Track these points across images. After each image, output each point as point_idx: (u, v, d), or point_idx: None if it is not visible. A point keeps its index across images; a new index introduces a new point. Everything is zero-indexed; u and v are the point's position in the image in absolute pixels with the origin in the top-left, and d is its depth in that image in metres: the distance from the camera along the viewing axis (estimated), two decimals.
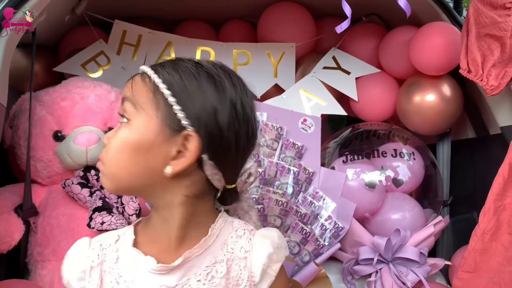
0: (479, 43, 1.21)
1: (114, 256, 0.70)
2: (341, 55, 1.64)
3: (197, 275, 0.68)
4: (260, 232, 0.73)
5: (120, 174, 0.66)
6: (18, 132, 1.27)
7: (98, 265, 0.69)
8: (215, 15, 1.74)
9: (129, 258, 0.69)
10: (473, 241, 1.22)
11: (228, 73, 0.69)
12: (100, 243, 0.71)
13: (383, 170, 1.43)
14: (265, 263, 0.70)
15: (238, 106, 0.66)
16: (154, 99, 0.64)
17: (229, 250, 0.70)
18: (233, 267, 0.70)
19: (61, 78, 1.50)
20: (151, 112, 0.64)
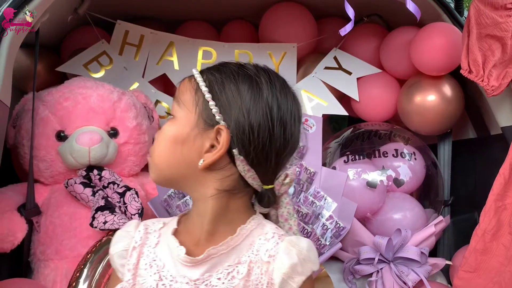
0: (480, 44, 1.22)
1: (154, 241, 0.73)
2: (343, 55, 1.64)
3: (218, 273, 0.68)
4: (289, 239, 0.70)
5: (160, 164, 0.71)
6: (21, 132, 1.28)
7: (139, 247, 0.72)
8: (217, 15, 1.75)
9: (166, 245, 0.72)
10: (474, 241, 1.22)
11: (269, 75, 0.71)
12: (146, 226, 0.75)
13: (384, 170, 1.44)
14: (287, 273, 0.67)
15: (274, 108, 0.68)
16: (195, 97, 0.69)
17: (254, 252, 0.69)
18: (254, 270, 0.69)
19: (64, 78, 1.51)
20: (191, 108, 0.69)
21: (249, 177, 0.69)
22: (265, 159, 0.68)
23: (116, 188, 1.23)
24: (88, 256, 1.12)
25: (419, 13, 1.23)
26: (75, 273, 1.11)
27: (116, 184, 1.24)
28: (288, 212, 0.76)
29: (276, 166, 0.71)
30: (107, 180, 1.24)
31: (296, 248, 0.68)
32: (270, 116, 0.67)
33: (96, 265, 1.11)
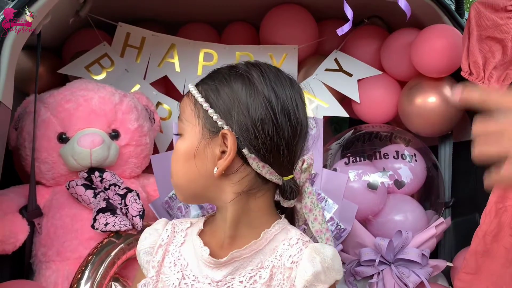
0: (480, 46, 1.22)
1: (181, 240, 0.74)
2: (343, 57, 1.65)
3: (240, 276, 0.68)
4: (314, 246, 0.69)
5: (182, 183, 0.73)
6: (23, 134, 1.28)
7: (165, 245, 0.74)
8: (218, 17, 1.75)
9: (192, 245, 0.73)
10: (475, 243, 1.22)
11: (260, 69, 0.71)
12: (174, 225, 0.76)
13: (385, 172, 1.44)
14: (309, 280, 0.66)
15: (272, 99, 0.68)
16: (195, 110, 0.70)
17: (277, 257, 0.69)
18: (277, 275, 0.68)
19: (65, 80, 1.52)
20: (194, 122, 0.70)
21: (266, 173, 0.68)
22: (277, 151, 0.68)
23: (118, 190, 1.23)
24: (90, 257, 1.12)
25: (410, 11, 1.23)
26: (77, 275, 1.12)
27: (118, 186, 1.24)
28: (311, 202, 0.75)
29: (290, 155, 0.70)
30: (108, 182, 1.24)
31: (320, 256, 0.67)
32: (270, 107, 0.67)
33: (97, 266, 1.11)
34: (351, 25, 1.67)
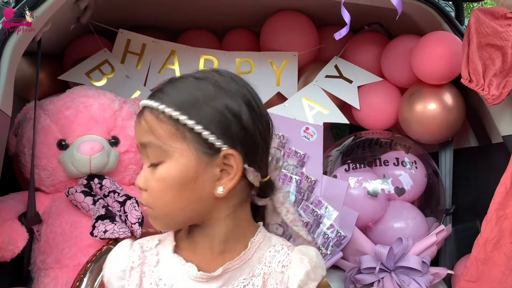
0: (480, 53, 1.22)
1: (154, 260, 0.71)
2: (343, 63, 1.65)
3: (234, 286, 0.69)
4: (299, 249, 0.73)
5: (173, 212, 0.67)
6: (23, 140, 1.28)
7: (138, 266, 0.70)
8: (219, 24, 1.76)
9: (169, 263, 0.70)
10: (476, 251, 1.21)
11: (230, 76, 0.69)
12: (141, 245, 0.73)
13: (385, 179, 1.43)
14: (302, 280, 0.69)
15: (253, 104, 0.67)
16: (177, 133, 0.64)
17: (267, 264, 0.70)
18: (269, 281, 0.70)
19: (66, 86, 1.52)
20: (181, 146, 0.64)
21: (254, 178, 0.68)
22: (262, 155, 0.69)
23: (117, 197, 1.23)
24: (88, 265, 1.12)
25: (401, 7, 1.21)
26: (75, 282, 1.11)
27: (117, 193, 1.24)
28: (283, 196, 0.76)
29: (268, 155, 0.71)
30: (107, 188, 1.24)
31: (307, 256, 0.71)
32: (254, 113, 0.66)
33: (95, 274, 1.11)
34: (352, 32, 1.69)
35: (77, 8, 1.42)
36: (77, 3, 1.38)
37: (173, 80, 0.68)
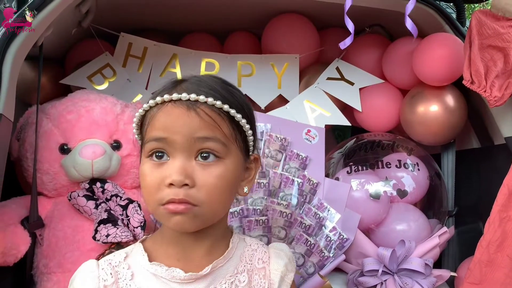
0: (482, 54, 1.22)
1: (128, 273, 0.70)
2: (345, 66, 1.65)
3: (222, 284, 0.72)
4: (273, 245, 0.81)
5: (219, 210, 0.70)
6: (25, 145, 1.29)
7: (113, 284, 0.69)
8: (220, 27, 1.76)
9: (146, 274, 0.70)
10: (479, 253, 1.21)
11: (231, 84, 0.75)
12: (109, 261, 0.72)
13: (387, 181, 1.43)
14: (283, 271, 0.77)
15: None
16: (233, 133, 0.69)
17: (248, 262, 0.76)
18: (254, 277, 0.75)
19: (68, 90, 1.52)
20: (235, 146, 0.69)
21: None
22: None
23: (119, 200, 1.23)
24: None
25: (416, 31, 1.23)
26: None
27: (119, 196, 1.24)
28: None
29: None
30: (110, 192, 1.24)
31: (282, 251, 0.80)
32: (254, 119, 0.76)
33: None
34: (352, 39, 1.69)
35: (78, 12, 1.42)
36: (78, 7, 1.39)
37: (213, 78, 0.72)
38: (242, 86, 1.61)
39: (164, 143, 0.66)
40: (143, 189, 0.69)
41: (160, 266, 0.70)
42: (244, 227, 1.28)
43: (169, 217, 0.67)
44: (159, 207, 0.67)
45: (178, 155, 0.66)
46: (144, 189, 0.69)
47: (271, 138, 1.41)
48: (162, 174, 0.66)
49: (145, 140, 0.69)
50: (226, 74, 1.59)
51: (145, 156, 0.68)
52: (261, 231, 1.29)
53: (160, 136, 0.66)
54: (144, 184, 0.68)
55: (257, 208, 1.31)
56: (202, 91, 0.67)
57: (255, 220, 1.29)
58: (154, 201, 0.67)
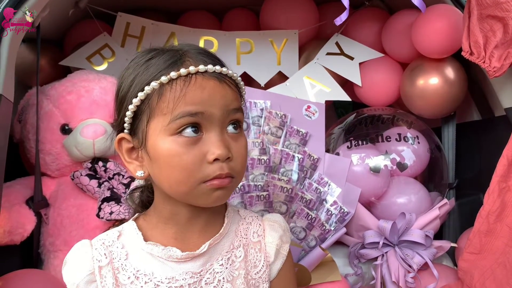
0: (481, 25, 1.21)
1: (122, 253, 0.69)
2: (344, 40, 1.64)
3: (219, 260, 0.72)
4: (268, 218, 0.80)
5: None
6: (27, 126, 1.30)
7: (108, 264, 0.68)
8: (218, 4, 1.75)
9: (142, 253, 0.70)
10: (478, 223, 1.22)
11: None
12: (102, 241, 0.70)
13: (387, 155, 1.44)
14: (278, 244, 0.77)
15: None
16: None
17: (243, 236, 0.76)
18: (249, 251, 0.75)
19: (67, 71, 1.53)
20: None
21: None
22: None
23: (121, 179, 1.25)
24: None
25: (424, 6, 1.22)
26: None
27: (121, 175, 1.26)
28: None
29: None
30: (112, 171, 1.26)
31: (276, 223, 0.79)
32: None
33: None
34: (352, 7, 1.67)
35: None
36: None
37: (203, 48, 0.74)
38: (241, 64, 1.61)
39: (200, 117, 0.64)
40: (175, 169, 0.64)
41: (156, 245, 0.69)
42: (245, 202, 1.30)
43: (210, 193, 0.66)
44: (200, 185, 0.65)
45: (214, 128, 0.65)
46: (177, 168, 0.64)
47: (271, 115, 1.41)
48: (201, 150, 0.64)
49: (173, 116, 0.63)
50: (225, 51, 1.58)
51: (171, 133, 0.64)
52: (262, 206, 1.31)
53: (197, 111, 0.63)
54: (176, 163, 0.64)
55: (258, 184, 1.33)
56: (217, 62, 0.68)
57: (256, 195, 1.30)
58: (194, 179, 0.64)
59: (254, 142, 1.36)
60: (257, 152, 1.36)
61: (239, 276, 0.73)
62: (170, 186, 0.66)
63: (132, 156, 0.69)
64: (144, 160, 0.68)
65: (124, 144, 0.69)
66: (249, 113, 1.39)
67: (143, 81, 0.66)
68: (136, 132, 0.68)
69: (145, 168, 0.68)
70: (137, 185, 0.79)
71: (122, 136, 0.68)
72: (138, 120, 0.67)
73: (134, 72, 0.67)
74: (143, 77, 0.66)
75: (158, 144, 0.65)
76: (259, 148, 1.37)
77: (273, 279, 0.78)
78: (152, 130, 0.65)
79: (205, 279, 0.71)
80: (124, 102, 0.68)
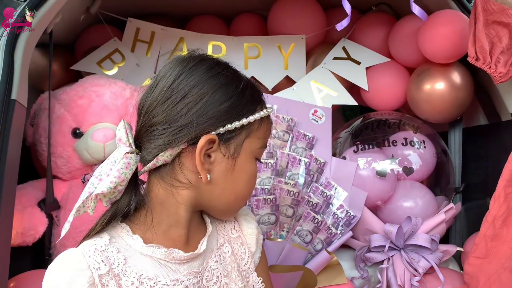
0: (487, 31, 1.21)
1: (120, 258, 0.67)
2: (351, 45, 1.65)
3: (212, 257, 0.76)
4: (238, 213, 0.84)
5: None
6: (39, 130, 1.33)
7: (109, 272, 0.65)
8: (226, 9, 1.77)
9: (140, 256, 0.68)
10: (484, 227, 1.23)
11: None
12: (94, 247, 0.67)
13: (393, 159, 1.44)
14: (256, 233, 0.83)
15: None
16: None
17: (224, 233, 0.80)
18: (234, 246, 0.80)
19: (79, 76, 1.56)
20: None
21: None
22: None
23: None
24: None
25: (425, 15, 1.24)
26: None
27: None
28: None
29: None
30: None
31: (248, 215, 0.84)
32: None
33: None
34: (359, 12, 1.68)
35: None
36: None
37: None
38: (249, 68, 1.63)
39: None
40: (249, 187, 0.75)
41: (158, 248, 0.69)
42: (252, 205, 1.32)
43: (237, 210, 0.80)
44: (244, 203, 0.78)
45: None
46: (251, 187, 0.75)
47: (278, 119, 1.43)
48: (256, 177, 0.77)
49: (259, 145, 0.73)
50: (233, 56, 1.60)
51: (255, 156, 0.74)
52: (269, 209, 1.32)
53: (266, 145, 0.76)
54: (252, 182, 0.75)
55: (265, 187, 1.34)
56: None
57: (263, 199, 1.32)
58: (249, 197, 0.80)
59: None
60: (264, 156, 1.38)
61: (233, 269, 0.78)
62: (236, 197, 0.74)
63: (204, 158, 0.69)
64: (217, 167, 0.70)
65: (205, 146, 0.67)
66: None
67: (250, 106, 0.71)
68: (227, 142, 0.70)
69: (211, 173, 0.70)
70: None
71: (214, 138, 0.68)
72: (237, 133, 0.70)
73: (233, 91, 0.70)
74: (248, 102, 0.72)
75: (247, 161, 0.72)
76: (266, 152, 1.38)
77: (256, 267, 0.83)
78: (245, 147, 0.71)
79: (205, 277, 0.74)
80: (232, 114, 0.69)
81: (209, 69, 0.70)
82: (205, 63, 0.71)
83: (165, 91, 0.69)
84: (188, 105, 0.67)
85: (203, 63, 0.70)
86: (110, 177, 0.67)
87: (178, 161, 0.69)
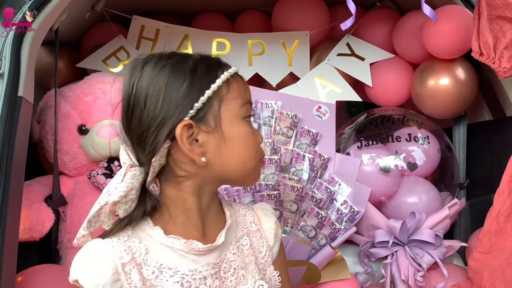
0: (491, 26, 1.21)
1: (142, 248, 0.70)
2: (355, 41, 1.65)
3: (230, 249, 0.77)
4: (258, 207, 0.87)
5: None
6: (45, 127, 1.34)
7: (131, 260, 0.68)
8: (230, 6, 1.77)
9: (160, 246, 0.71)
10: (488, 223, 1.23)
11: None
12: (117, 237, 0.70)
13: (397, 155, 1.45)
14: (275, 228, 0.84)
15: None
16: None
17: (244, 227, 0.81)
18: (252, 239, 0.81)
19: (84, 73, 1.57)
20: None
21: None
22: None
23: None
24: None
25: (436, 17, 1.24)
26: None
27: None
28: None
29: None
30: None
31: (268, 210, 0.86)
32: None
33: None
34: (364, 8, 1.68)
35: None
36: None
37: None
38: (253, 65, 1.64)
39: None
40: (250, 146, 0.74)
41: (178, 239, 0.71)
42: (256, 201, 1.32)
43: (258, 172, 0.78)
44: (258, 163, 0.76)
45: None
46: (249, 147, 0.74)
47: (282, 115, 1.43)
48: (256, 133, 0.76)
49: (238, 105, 0.72)
50: (237, 53, 1.61)
51: (241, 117, 0.73)
52: (273, 205, 1.33)
53: (251, 100, 0.76)
54: (251, 141, 0.74)
55: (269, 183, 1.35)
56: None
57: (267, 194, 1.33)
58: (258, 156, 0.76)
59: (265, 142, 1.38)
60: (268, 152, 1.38)
61: (250, 262, 0.79)
62: (243, 161, 0.73)
63: (192, 144, 0.70)
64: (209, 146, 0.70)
65: (184, 132, 0.68)
66: (260, 114, 1.41)
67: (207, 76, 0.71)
68: (204, 119, 0.70)
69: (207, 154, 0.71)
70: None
71: (188, 122, 0.68)
72: (209, 107, 0.70)
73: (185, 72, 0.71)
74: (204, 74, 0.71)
75: (234, 126, 0.72)
76: (270, 148, 1.39)
77: (274, 260, 0.84)
78: (224, 114, 0.71)
79: (222, 268, 0.75)
80: (193, 93, 0.70)
81: (155, 65, 0.71)
82: (150, 62, 0.71)
83: (130, 106, 0.70)
84: (152, 107, 0.68)
85: (148, 64, 0.71)
86: (118, 190, 0.69)
87: (171, 159, 0.71)
